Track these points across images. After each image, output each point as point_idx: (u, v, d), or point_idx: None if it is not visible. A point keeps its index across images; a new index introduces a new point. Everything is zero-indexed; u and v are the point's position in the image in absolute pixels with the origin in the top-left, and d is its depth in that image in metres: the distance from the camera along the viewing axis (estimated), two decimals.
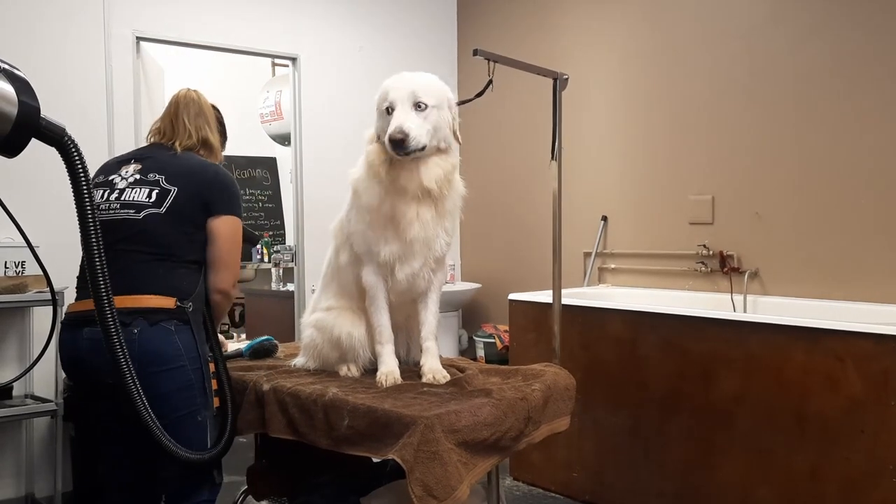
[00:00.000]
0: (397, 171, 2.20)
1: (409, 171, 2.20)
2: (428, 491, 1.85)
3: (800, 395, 2.83)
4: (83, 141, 1.39)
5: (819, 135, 3.57)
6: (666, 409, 3.26)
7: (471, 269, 5.42)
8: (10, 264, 3.48)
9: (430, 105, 2.20)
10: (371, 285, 2.34)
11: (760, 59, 3.78)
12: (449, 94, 2.28)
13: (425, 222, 2.24)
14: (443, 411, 1.97)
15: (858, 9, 3.45)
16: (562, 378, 2.46)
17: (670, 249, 4.15)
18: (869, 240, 3.41)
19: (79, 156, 1.33)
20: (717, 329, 3.09)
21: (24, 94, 1.17)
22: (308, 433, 2.22)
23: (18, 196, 3.55)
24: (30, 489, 3.73)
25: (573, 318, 3.50)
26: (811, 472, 2.81)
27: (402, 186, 2.20)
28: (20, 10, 3.74)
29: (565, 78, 3.09)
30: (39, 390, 3.66)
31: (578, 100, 4.34)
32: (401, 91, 2.19)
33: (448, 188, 2.28)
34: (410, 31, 5.26)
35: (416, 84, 2.21)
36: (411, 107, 2.18)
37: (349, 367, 2.46)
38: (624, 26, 4.41)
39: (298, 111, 4.77)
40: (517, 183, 4.95)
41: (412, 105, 2.18)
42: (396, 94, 2.19)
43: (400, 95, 2.18)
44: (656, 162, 4.24)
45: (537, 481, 3.81)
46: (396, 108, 2.17)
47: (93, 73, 3.92)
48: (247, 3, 4.53)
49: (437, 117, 2.21)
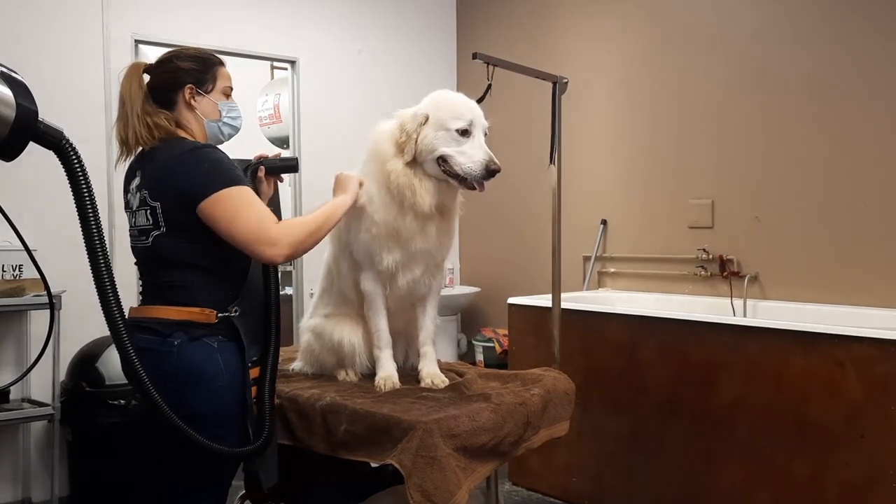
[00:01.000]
0: (423, 194, 2.19)
1: (434, 195, 2.21)
2: (426, 496, 1.84)
3: (800, 399, 2.82)
4: (81, 144, 1.39)
5: (819, 139, 3.57)
6: (665, 414, 3.25)
7: (470, 272, 5.41)
8: (7, 268, 3.47)
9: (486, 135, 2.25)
10: (370, 291, 2.33)
11: (760, 63, 3.78)
12: None
13: (431, 236, 2.25)
14: (441, 416, 1.97)
15: (859, 14, 3.44)
16: (561, 383, 2.45)
17: (670, 253, 4.15)
18: (869, 244, 3.41)
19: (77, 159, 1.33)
20: (717, 333, 3.08)
21: (22, 97, 1.17)
22: (306, 438, 2.21)
23: (16, 199, 3.56)
24: (26, 493, 3.72)
25: (572, 322, 3.49)
26: (811, 477, 2.80)
27: (422, 210, 2.20)
28: (19, 13, 3.73)
29: (565, 81, 3.09)
30: (37, 394, 3.65)
31: (578, 103, 4.33)
32: (480, 117, 2.23)
33: (455, 203, 2.33)
34: (410, 35, 5.26)
35: (480, 111, 2.25)
36: (483, 134, 2.22)
37: (347, 371, 2.46)
38: (624, 30, 4.40)
39: (297, 114, 4.76)
40: (516, 186, 4.94)
41: (483, 133, 2.22)
42: (477, 119, 2.21)
43: (480, 121, 2.22)
44: (656, 166, 4.24)
45: (536, 486, 3.80)
46: (477, 135, 2.19)
47: (91, 76, 3.91)
48: (246, 7, 4.52)
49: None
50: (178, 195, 1.95)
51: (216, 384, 1.96)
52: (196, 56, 2.13)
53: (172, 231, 1.97)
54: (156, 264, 2.02)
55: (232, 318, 2.00)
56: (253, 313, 2.09)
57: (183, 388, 1.92)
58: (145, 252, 2.03)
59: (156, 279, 2.03)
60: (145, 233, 2.01)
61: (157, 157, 2.02)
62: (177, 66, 2.09)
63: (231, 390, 1.99)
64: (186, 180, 1.94)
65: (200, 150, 1.98)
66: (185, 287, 1.99)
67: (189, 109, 2.08)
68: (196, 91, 2.08)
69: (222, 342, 1.99)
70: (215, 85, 2.12)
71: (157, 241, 1.99)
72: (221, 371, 1.97)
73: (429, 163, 2.19)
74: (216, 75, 2.13)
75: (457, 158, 2.16)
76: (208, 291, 1.99)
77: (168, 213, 1.96)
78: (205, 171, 1.94)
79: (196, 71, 2.10)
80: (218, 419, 1.97)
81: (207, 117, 2.11)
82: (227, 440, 1.97)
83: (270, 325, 2.13)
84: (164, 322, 1.97)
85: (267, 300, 2.13)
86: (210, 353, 1.96)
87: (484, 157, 2.15)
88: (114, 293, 1.65)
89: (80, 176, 1.32)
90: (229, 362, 1.99)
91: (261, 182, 2.26)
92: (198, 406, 1.92)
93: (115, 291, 1.66)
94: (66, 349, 3.55)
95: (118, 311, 1.67)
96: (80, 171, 1.31)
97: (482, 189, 2.20)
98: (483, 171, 2.15)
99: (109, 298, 1.64)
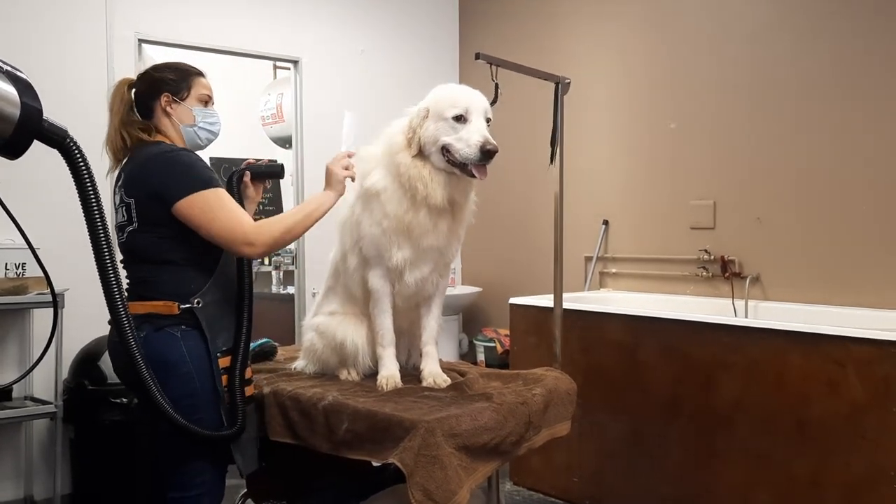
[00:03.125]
0: (434, 186, 2.21)
1: (445, 188, 2.22)
2: (428, 495, 1.85)
3: (800, 400, 2.82)
4: (85, 143, 1.39)
5: (820, 140, 3.57)
6: (666, 414, 3.25)
7: (471, 272, 5.42)
8: (10, 266, 3.48)
9: (490, 121, 2.25)
10: (377, 289, 2.34)
11: (762, 64, 3.78)
12: None
13: (441, 232, 2.26)
14: (443, 415, 1.97)
15: (860, 14, 3.45)
16: (563, 382, 2.46)
17: (671, 254, 4.15)
18: (870, 245, 3.41)
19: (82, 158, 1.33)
20: (718, 334, 3.08)
21: (26, 95, 1.17)
22: (308, 437, 2.21)
23: (19, 197, 3.56)
24: (29, 491, 3.73)
25: (574, 322, 3.49)
26: (811, 477, 2.80)
27: (434, 202, 2.21)
28: (23, 12, 3.75)
29: (567, 82, 3.09)
30: (39, 392, 3.66)
31: (580, 103, 4.33)
32: (477, 102, 2.22)
33: (468, 199, 2.33)
34: (412, 35, 5.26)
35: (483, 99, 2.26)
36: (484, 119, 2.22)
37: (349, 370, 2.46)
38: (626, 30, 4.41)
39: (300, 114, 4.77)
40: (518, 186, 4.95)
41: (485, 118, 2.22)
42: (473, 104, 2.21)
43: (477, 106, 2.21)
44: (658, 166, 4.24)
45: (537, 486, 3.80)
46: (474, 119, 2.19)
47: (95, 75, 3.92)
48: (249, 6, 4.53)
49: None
50: (151, 193, 2.07)
51: (182, 370, 2.07)
52: (174, 67, 2.30)
53: (144, 227, 2.10)
54: (132, 259, 2.15)
55: (194, 308, 2.10)
56: (222, 304, 2.19)
57: (153, 377, 1.98)
58: (123, 248, 2.16)
59: (133, 274, 2.16)
60: (121, 229, 2.15)
61: (136, 158, 2.16)
62: (154, 76, 2.26)
63: (199, 377, 2.09)
64: (160, 181, 2.06)
65: (174, 153, 2.11)
66: (153, 282, 2.12)
67: (166, 116, 2.22)
68: (172, 99, 2.22)
69: (185, 331, 2.10)
70: (191, 93, 2.25)
71: (130, 236, 2.13)
72: (186, 358, 2.08)
73: (435, 155, 2.21)
74: (191, 84, 2.27)
75: (455, 145, 2.17)
76: (174, 286, 2.11)
77: (140, 209, 2.09)
78: (178, 173, 2.07)
79: (172, 81, 2.24)
80: (191, 404, 2.06)
81: (183, 122, 2.24)
82: (205, 425, 2.07)
83: (242, 314, 2.23)
84: (133, 317, 2.00)
85: (241, 291, 2.24)
86: (173, 341, 2.08)
87: (479, 138, 2.15)
88: (119, 291, 1.66)
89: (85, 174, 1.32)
90: (193, 349, 2.09)
91: (247, 187, 2.41)
92: (168, 391, 2.00)
93: (120, 289, 1.67)
94: (68, 347, 3.55)
95: (123, 308, 1.69)
96: (85, 169, 1.31)
97: (482, 175, 2.19)
98: (478, 153, 2.14)
99: (115, 296, 1.65)
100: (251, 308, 2.26)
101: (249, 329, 2.25)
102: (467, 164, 2.18)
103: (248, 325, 2.24)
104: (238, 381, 2.18)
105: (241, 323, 2.22)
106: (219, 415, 2.12)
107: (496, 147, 2.15)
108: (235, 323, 2.22)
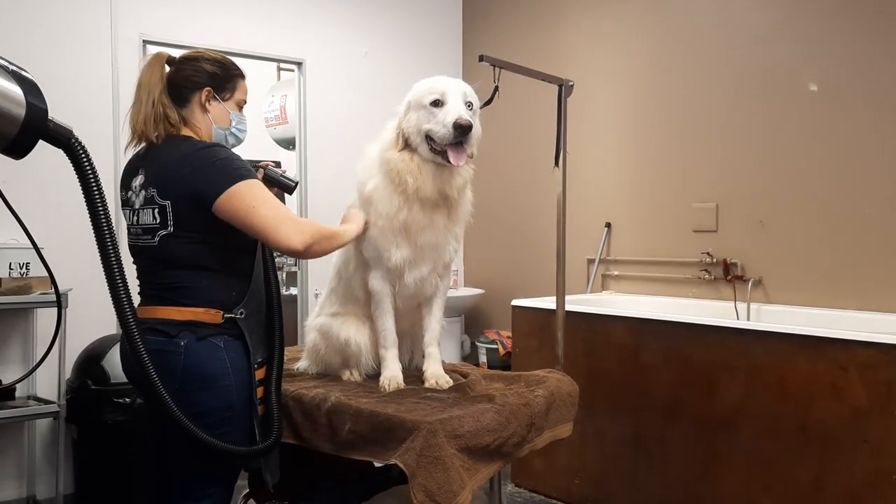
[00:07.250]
0: (424, 178, 2.21)
1: (435, 179, 2.22)
2: (430, 496, 1.85)
3: (803, 403, 2.82)
4: (90, 143, 1.40)
5: (824, 143, 3.57)
6: (668, 417, 3.25)
7: (474, 274, 5.42)
8: (14, 265, 3.49)
9: (474, 106, 2.24)
10: (378, 290, 2.34)
11: (766, 67, 3.78)
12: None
13: (438, 229, 2.26)
14: (445, 416, 1.97)
15: (866, 18, 3.44)
16: (565, 385, 2.46)
17: (674, 257, 4.15)
18: (873, 248, 3.40)
19: (87, 157, 1.34)
20: (721, 337, 3.08)
21: (32, 95, 1.17)
22: (311, 437, 2.21)
23: (24, 197, 3.57)
24: (31, 491, 3.73)
25: (576, 324, 3.49)
26: (814, 481, 2.80)
27: (425, 195, 2.21)
28: (27, 12, 3.76)
29: (570, 84, 3.09)
30: (42, 392, 3.67)
31: (583, 106, 4.34)
32: (453, 87, 2.22)
33: (462, 196, 2.31)
34: (416, 37, 5.27)
35: (464, 84, 2.25)
36: (463, 103, 2.20)
37: (352, 371, 2.46)
38: (630, 34, 4.41)
39: (303, 116, 4.78)
40: (521, 189, 4.95)
41: (464, 102, 2.20)
42: (449, 88, 2.20)
43: (453, 90, 2.20)
44: (660, 169, 4.24)
45: (539, 488, 3.80)
46: (450, 101, 2.18)
47: (99, 75, 3.93)
48: (253, 8, 4.54)
49: (477, 121, 2.24)
50: (190, 194, 1.95)
51: (223, 383, 1.98)
52: (221, 62, 2.17)
53: (180, 231, 1.98)
54: (161, 264, 2.02)
55: (237, 319, 2.02)
56: (257, 315, 2.11)
57: (189, 387, 1.93)
58: (150, 251, 2.03)
59: (160, 279, 2.04)
60: (150, 231, 2.01)
61: (162, 155, 2.02)
62: (201, 66, 2.11)
63: (238, 389, 2.01)
64: (199, 178, 1.94)
65: (210, 149, 2.00)
66: (191, 287, 2.00)
67: (202, 111, 2.11)
68: (213, 95, 2.11)
69: (228, 342, 2.01)
70: (233, 95, 2.16)
71: (163, 240, 1.99)
72: (228, 370, 1.98)
73: (421, 146, 2.21)
74: (236, 86, 2.17)
75: (433, 129, 2.17)
76: (214, 292, 2.00)
77: (177, 213, 1.97)
78: (218, 168, 1.95)
79: (218, 76, 2.13)
80: (224, 417, 1.98)
81: (217, 123, 2.13)
82: (233, 438, 1.98)
83: (274, 326, 2.15)
84: (169, 322, 1.98)
85: (269, 302, 2.16)
86: (216, 352, 1.98)
87: (452, 117, 2.13)
88: (125, 291, 1.66)
89: (90, 174, 1.33)
90: (235, 362, 2.00)
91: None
92: (204, 404, 1.93)
93: (126, 289, 1.67)
94: (71, 347, 3.56)
95: (130, 308, 1.68)
96: (90, 169, 1.32)
97: (458, 161, 2.14)
98: (451, 132, 2.12)
99: (121, 296, 1.65)
100: (282, 318, 2.19)
101: (282, 341, 2.19)
102: (447, 151, 2.17)
103: (281, 337, 2.18)
104: (275, 394, 2.12)
105: (274, 334, 2.15)
106: (251, 427, 2.05)
107: (469, 122, 2.13)
108: (267, 333, 2.15)
